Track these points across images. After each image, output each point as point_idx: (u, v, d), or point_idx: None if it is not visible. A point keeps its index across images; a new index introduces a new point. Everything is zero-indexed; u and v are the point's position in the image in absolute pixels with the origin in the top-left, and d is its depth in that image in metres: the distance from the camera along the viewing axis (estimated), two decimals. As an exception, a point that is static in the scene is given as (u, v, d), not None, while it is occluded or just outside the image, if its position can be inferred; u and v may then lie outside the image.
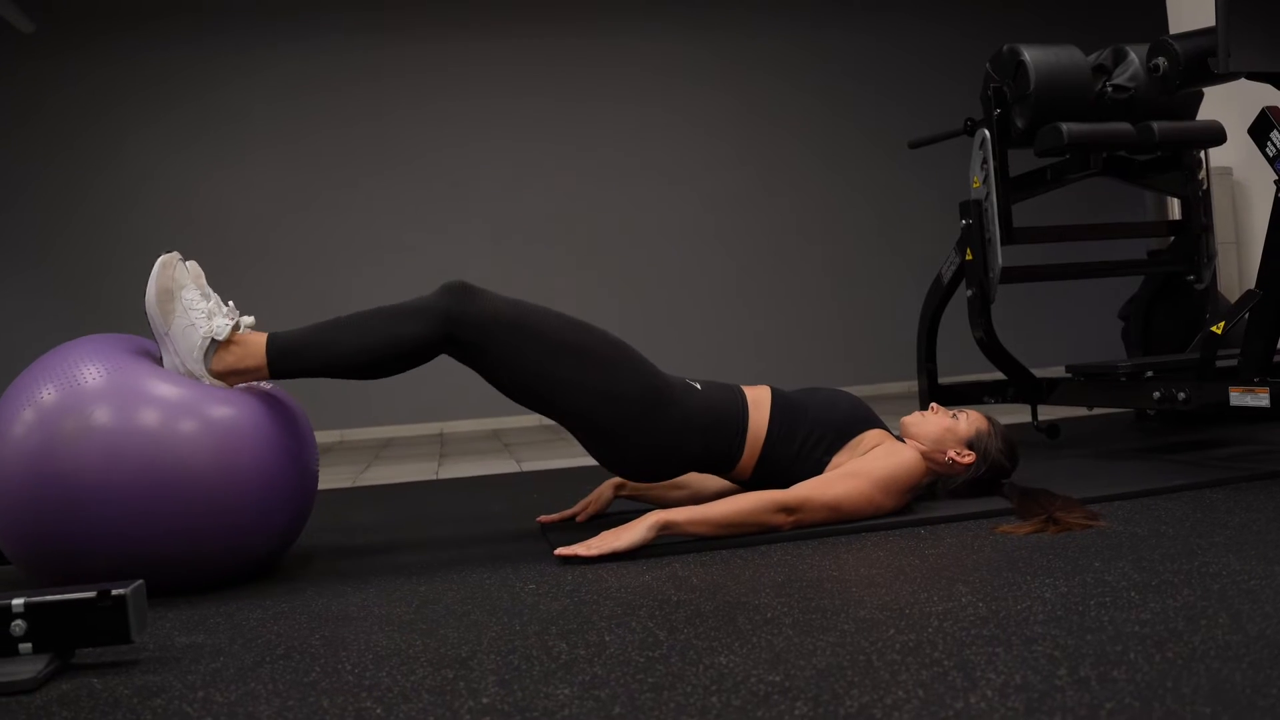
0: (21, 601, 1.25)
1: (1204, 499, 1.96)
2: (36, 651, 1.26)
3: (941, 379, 3.28)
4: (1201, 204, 3.01)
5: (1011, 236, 2.86)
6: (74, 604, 1.26)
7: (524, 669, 1.17)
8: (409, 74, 6.07)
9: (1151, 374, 2.64)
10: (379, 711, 1.06)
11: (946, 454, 2.03)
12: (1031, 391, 2.98)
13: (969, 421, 2.06)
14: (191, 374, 1.73)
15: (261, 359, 1.75)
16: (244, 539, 1.71)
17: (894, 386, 6.44)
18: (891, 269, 6.50)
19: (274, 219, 5.95)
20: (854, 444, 1.99)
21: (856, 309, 6.50)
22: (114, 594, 1.26)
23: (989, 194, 2.86)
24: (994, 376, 3.60)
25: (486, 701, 1.07)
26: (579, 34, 6.25)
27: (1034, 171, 3.01)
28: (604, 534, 1.80)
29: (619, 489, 2.22)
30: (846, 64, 6.56)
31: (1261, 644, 1.07)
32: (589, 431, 1.89)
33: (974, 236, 2.93)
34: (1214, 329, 2.36)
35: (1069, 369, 2.90)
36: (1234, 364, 2.31)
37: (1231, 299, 3.62)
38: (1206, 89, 2.91)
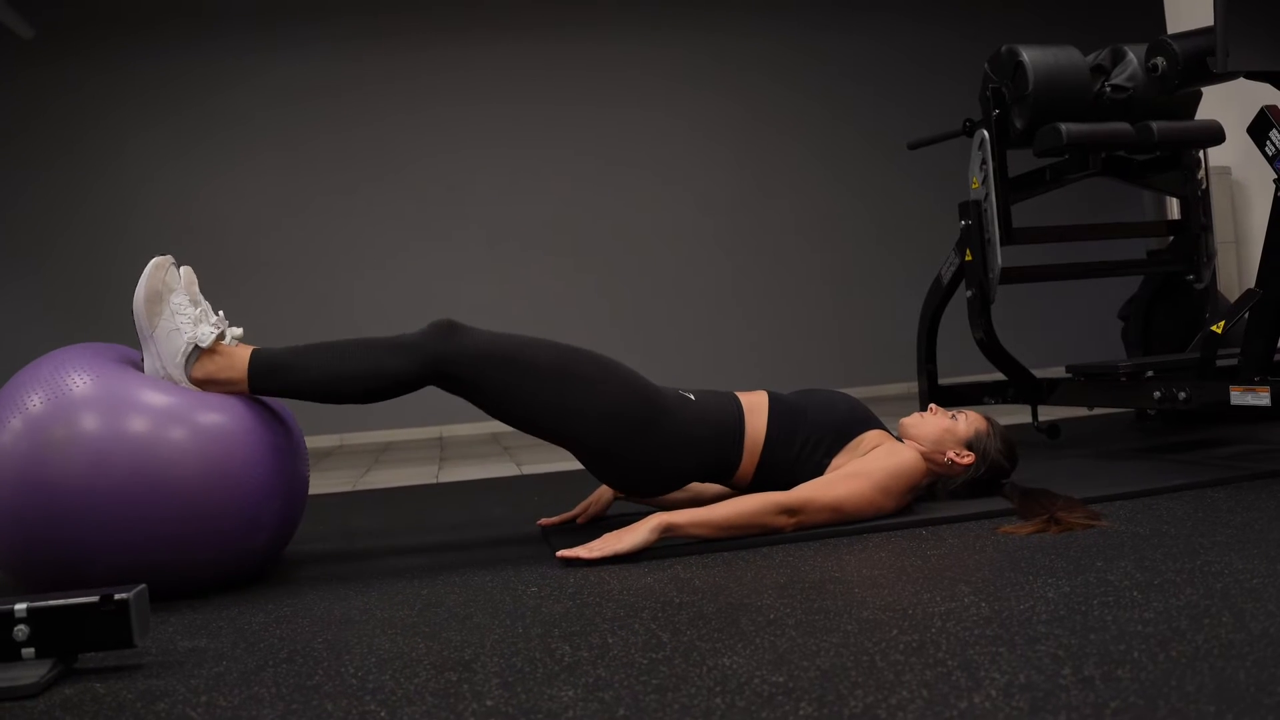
0: (24, 606, 1.25)
1: (1205, 498, 1.96)
2: (39, 656, 1.26)
3: (941, 380, 3.29)
4: (1201, 203, 3.01)
5: (1011, 237, 2.86)
6: (77, 609, 1.26)
7: (527, 671, 1.17)
8: (407, 80, 6.08)
9: (1152, 374, 2.64)
10: (382, 715, 1.06)
11: (946, 455, 2.03)
12: (1032, 392, 2.98)
13: (968, 422, 2.06)
14: (170, 378, 1.73)
15: (242, 372, 1.75)
16: (233, 545, 1.71)
17: (893, 388, 6.43)
18: (890, 270, 6.50)
19: (273, 225, 5.95)
20: (853, 445, 1.99)
21: (855, 310, 6.50)
22: (116, 598, 1.26)
23: (988, 195, 2.87)
24: (994, 377, 3.59)
25: (490, 704, 1.07)
26: (576, 39, 6.26)
27: (1033, 172, 3.01)
28: (606, 536, 1.80)
29: (619, 491, 2.22)
30: (845, 66, 6.56)
31: (1265, 642, 1.07)
32: (588, 453, 1.90)
33: (973, 237, 2.93)
34: (1214, 328, 2.36)
35: (1069, 369, 2.90)
36: (1234, 363, 2.31)
37: (1231, 298, 3.62)
38: (1205, 88, 2.92)
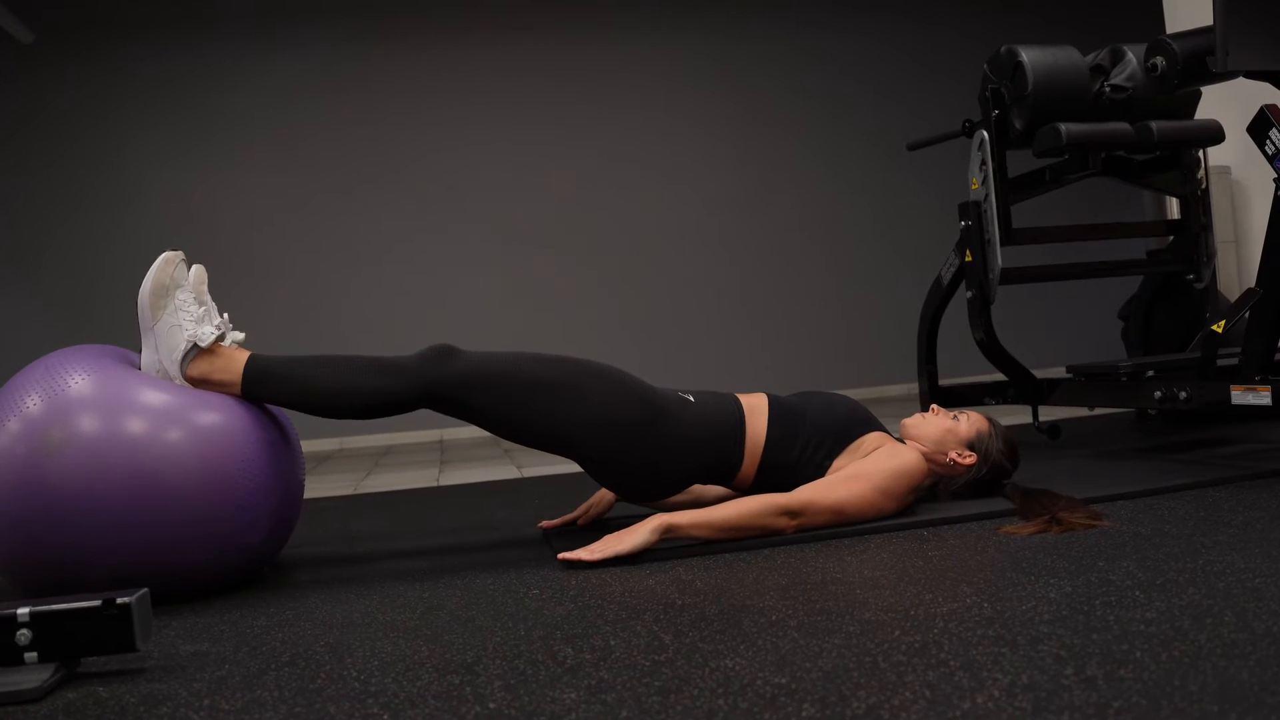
0: (27, 611, 1.25)
1: (1207, 498, 1.96)
2: (42, 661, 1.25)
3: (942, 380, 3.29)
4: (1200, 203, 3.01)
5: (1011, 237, 2.86)
6: (79, 613, 1.25)
7: (529, 674, 1.17)
8: (406, 80, 6.08)
9: (1152, 373, 2.64)
10: (385, 718, 1.06)
11: (948, 455, 2.03)
12: (1032, 392, 2.98)
13: (970, 423, 2.06)
14: (166, 372, 1.75)
15: (237, 375, 1.76)
16: (231, 546, 1.71)
17: (894, 389, 6.44)
18: (891, 270, 6.50)
19: (272, 224, 5.95)
20: (854, 447, 1.99)
21: (857, 311, 6.50)
22: (119, 602, 1.26)
23: (988, 195, 2.87)
24: (994, 377, 3.61)
25: (493, 707, 1.07)
26: (576, 39, 6.26)
27: (1033, 172, 3.01)
28: (607, 538, 1.80)
29: (620, 493, 2.22)
30: (845, 66, 6.57)
31: (1268, 641, 1.07)
32: (590, 462, 1.91)
33: (973, 238, 2.93)
34: (1214, 328, 2.36)
35: (1069, 369, 2.90)
36: (1235, 363, 2.31)
37: (1231, 298, 3.62)
38: (1205, 88, 2.92)
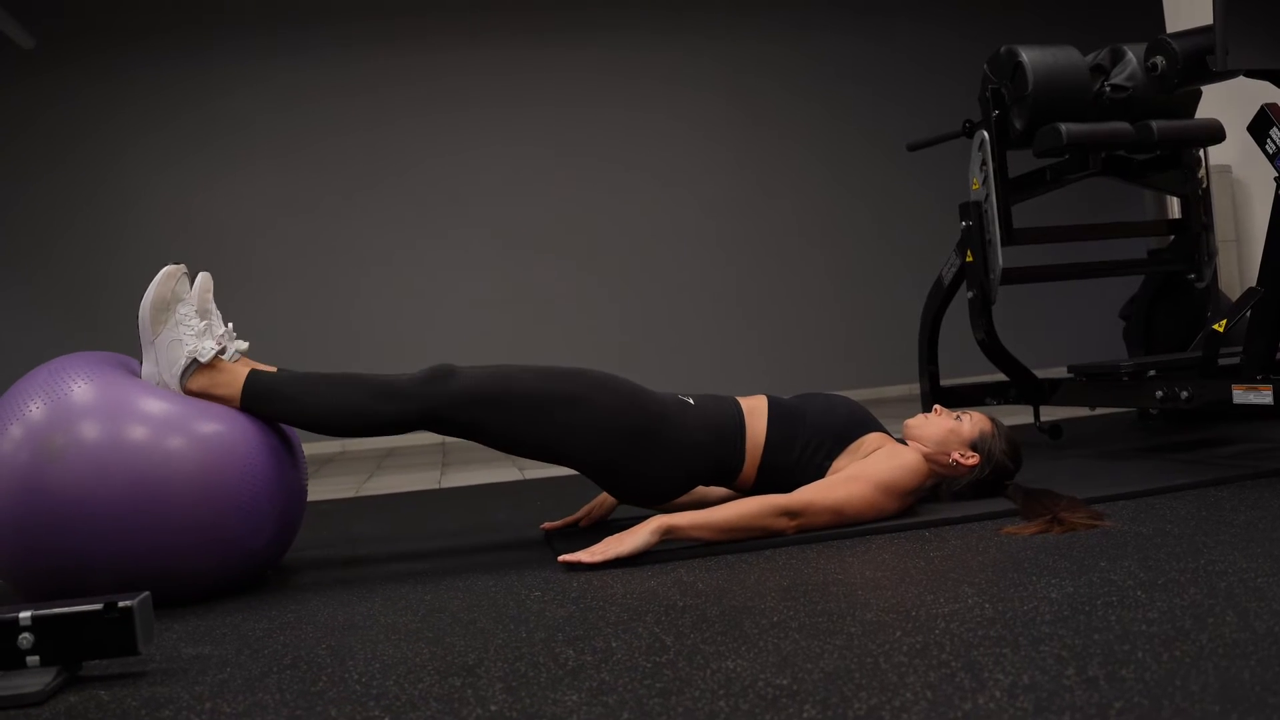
0: (29, 614, 1.25)
1: (1208, 497, 1.96)
2: (44, 664, 1.26)
3: (943, 381, 3.28)
4: (1201, 202, 3.01)
5: (1011, 237, 2.86)
6: (81, 616, 1.26)
7: (531, 676, 1.17)
8: (406, 84, 6.09)
9: (1154, 373, 2.64)
10: (387, 720, 1.06)
11: (950, 456, 2.03)
12: (1033, 392, 2.98)
13: (973, 423, 2.06)
14: (166, 385, 1.76)
15: (236, 391, 1.77)
16: (234, 552, 1.71)
17: (895, 389, 6.43)
18: (892, 271, 6.50)
19: (274, 229, 5.96)
20: (854, 448, 1.99)
21: (857, 312, 6.50)
22: (120, 606, 1.26)
23: (988, 195, 2.87)
24: (996, 378, 3.60)
25: (494, 709, 1.07)
26: (578, 43, 6.26)
27: (1033, 172, 3.01)
28: (607, 540, 1.80)
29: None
30: (845, 67, 6.57)
31: (1270, 641, 1.07)
32: (593, 470, 1.92)
33: (974, 238, 2.93)
34: (1216, 327, 2.36)
35: (1071, 369, 2.89)
36: (1236, 362, 2.31)
37: (1232, 297, 3.62)
38: (1205, 87, 2.92)
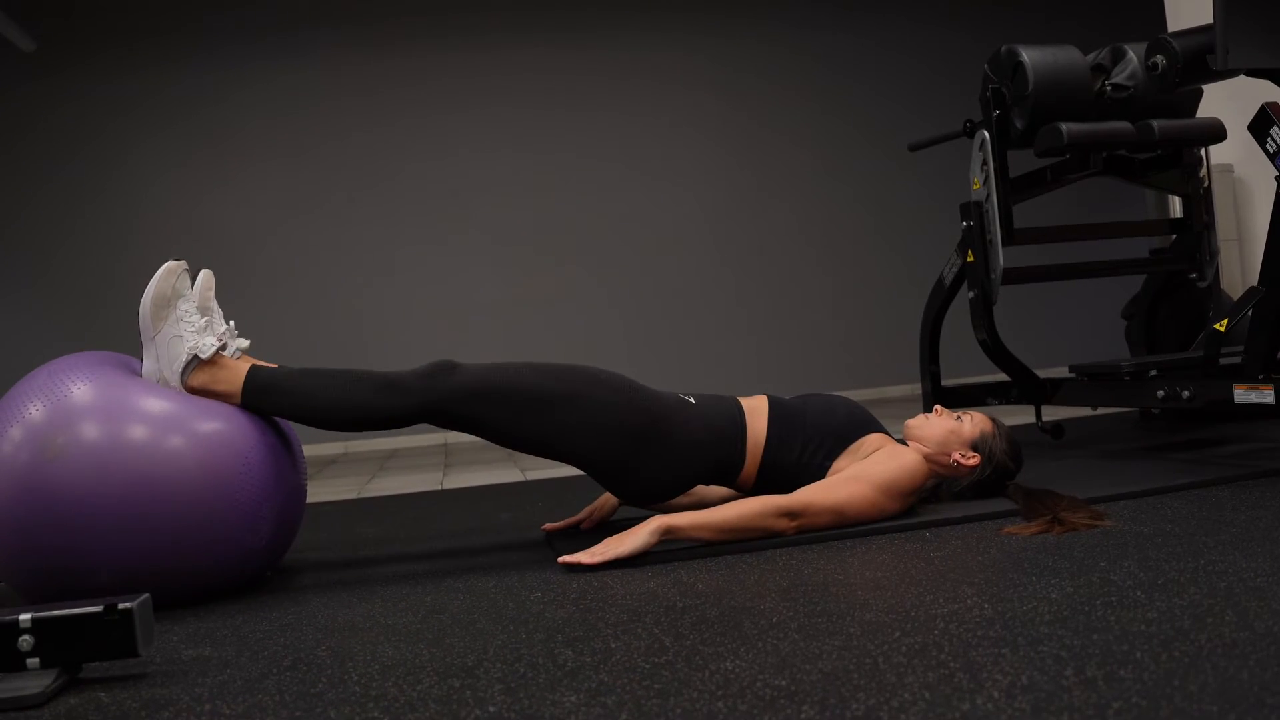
0: (29, 617, 1.26)
1: (1209, 497, 1.96)
2: (44, 666, 1.26)
3: (945, 381, 3.28)
4: (1203, 202, 3.00)
5: (1012, 237, 2.86)
6: (81, 619, 1.26)
7: (530, 677, 1.17)
8: (409, 86, 6.09)
9: (1155, 373, 2.63)
10: (385, 721, 1.06)
11: (951, 456, 2.03)
12: (1035, 392, 2.97)
13: (973, 423, 2.06)
14: (166, 382, 1.75)
15: (237, 387, 1.77)
16: (232, 553, 1.71)
17: (897, 390, 6.43)
18: (893, 271, 6.50)
19: (274, 232, 5.96)
20: (854, 448, 1.99)
21: (858, 312, 6.49)
22: (120, 608, 1.26)
23: (989, 195, 2.86)
24: (997, 378, 3.59)
25: (493, 710, 1.07)
26: (576, 44, 6.26)
27: (1034, 172, 3.00)
28: (607, 541, 1.80)
29: (622, 495, 2.22)
30: (845, 67, 6.56)
31: (1269, 641, 1.07)
32: (595, 468, 1.92)
33: (975, 238, 2.92)
34: (1217, 326, 2.36)
35: (1072, 369, 2.89)
36: (1238, 361, 2.30)
37: (1234, 296, 3.61)
38: (1206, 86, 2.91)
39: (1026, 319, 6.20)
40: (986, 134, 2.87)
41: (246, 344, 1.84)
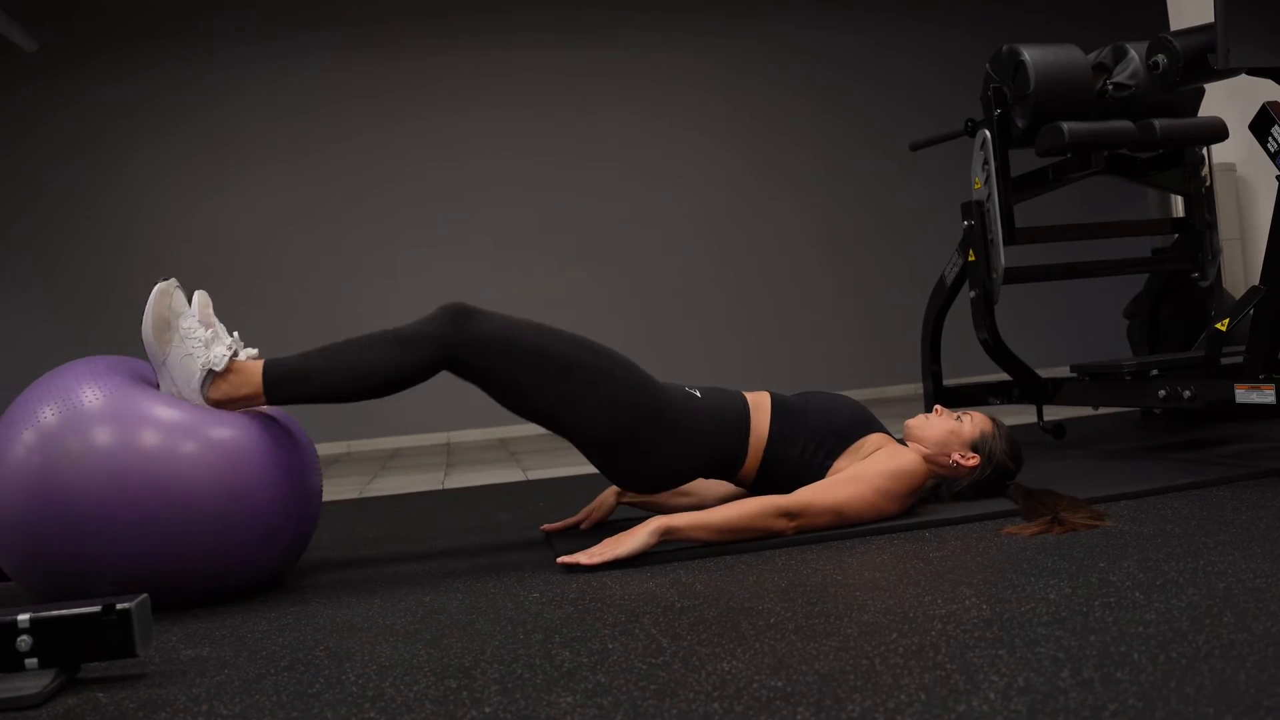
0: (27, 617, 1.26)
1: (1210, 497, 1.95)
2: (42, 666, 1.26)
3: (946, 381, 3.28)
4: (1204, 201, 3.00)
5: (1014, 237, 2.86)
6: (79, 619, 1.26)
7: (526, 678, 1.17)
8: (410, 88, 6.09)
9: (1156, 372, 2.63)
10: (382, 722, 1.06)
11: (951, 457, 2.02)
12: (1036, 392, 2.97)
13: (973, 424, 2.06)
14: (189, 401, 1.73)
15: (257, 386, 1.75)
16: (247, 557, 1.71)
17: (898, 389, 6.42)
18: (894, 271, 6.49)
19: (276, 235, 5.97)
20: (855, 448, 1.98)
21: (859, 312, 6.49)
22: (118, 608, 1.26)
23: (991, 194, 2.86)
24: (999, 377, 3.60)
25: (489, 711, 1.07)
26: (576, 45, 6.26)
27: (1035, 171, 3.00)
28: (606, 541, 1.80)
29: (621, 495, 2.22)
30: (846, 67, 6.56)
31: (1266, 643, 1.07)
32: (595, 447, 1.90)
33: (976, 237, 2.92)
34: (1218, 326, 2.35)
35: (1073, 369, 2.89)
36: (1239, 361, 2.30)
37: (1237, 295, 3.60)
38: (1209, 85, 2.90)
39: (1028, 319, 6.20)
40: (988, 133, 2.86)
41: (254, 352, 1.82)
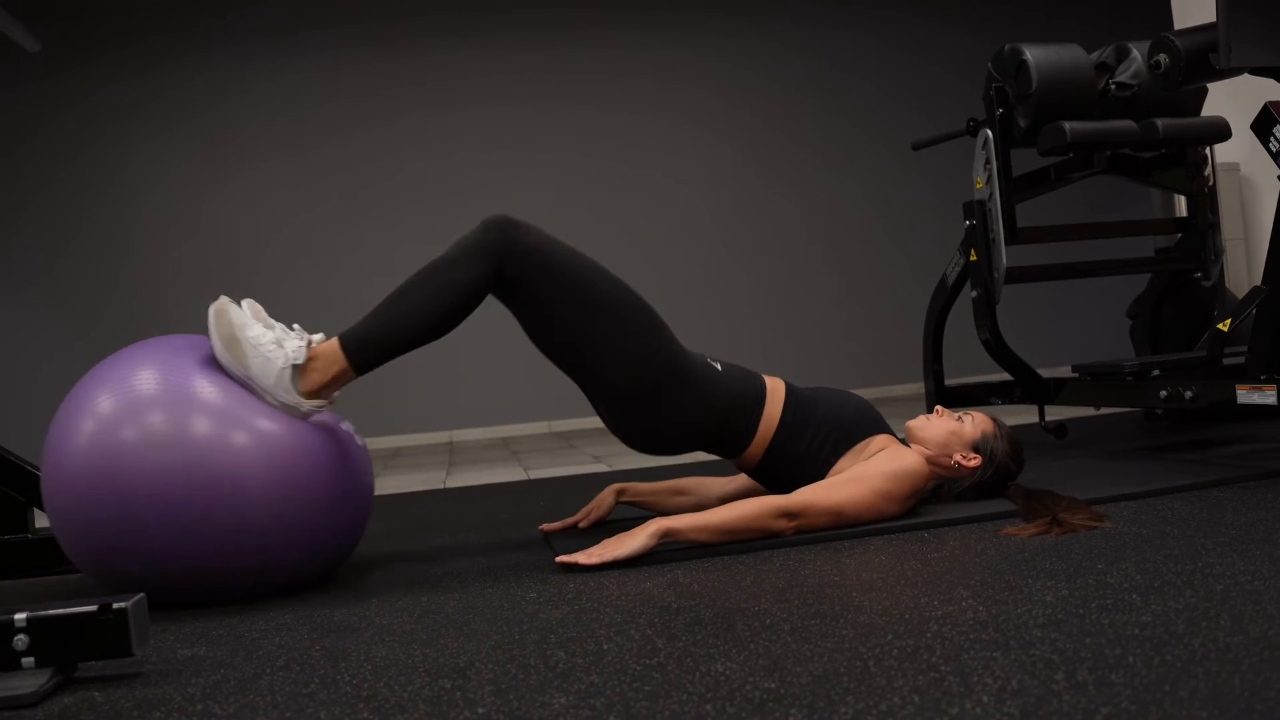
0: (24, 616, 1.26)
1: (1210, 498, 1.94)
2: (39, 666, 1.26)
3: (948, 380, 3.27)
4: (1207, 200, 2.99)
5: (1015, 236, 2.85)
6: (75, 618, 1.26)
7: (520, 678, 1.17)
8: (412, 86, 6.10)
9: (1158, 373, 2.62)
10: (375, 723, 1.06)
11: (952, 458, 2.02)
12: (1038, 392, 2.96)
13: (975, 424, 2.05)
14: (287, 405, 1.71)
15: (343, 361, 1.73)
16: (307, 548, 1.72)
17: (900, 389, 6.42)
18: (897, 270, 6.48)
19: (278, 232, 5.98)
20: (859, 447, 1.98)
21: (862, 311, 6.48)
22: (115, 608, 1.26)
23: (992, 194, 2.85)
24: (1000, 377, 3.59)
25: (482, 712, 1.07)
26: (583, 44, 6.26)
27: (1037, 171, 2.99)
28: (605, 541, 1.80)
29: (620, 495, 2.22)
30: (850, 66, 6.55)
31: (1262, 645, 1.06)
32: (612, 394, 1.89)
33: (978, 237, 2.91)
34: (1220, 326, 2.35)
35: (1075, 369, 2.88)
36: (1241, 361, 2.29)
37: (1240, 295, 3.59)
38: (1212, 85, 2.90)
39: (1030, 318, 6.19)
40: (990, 133, 2.86)
41: (321, 336, 1.78)
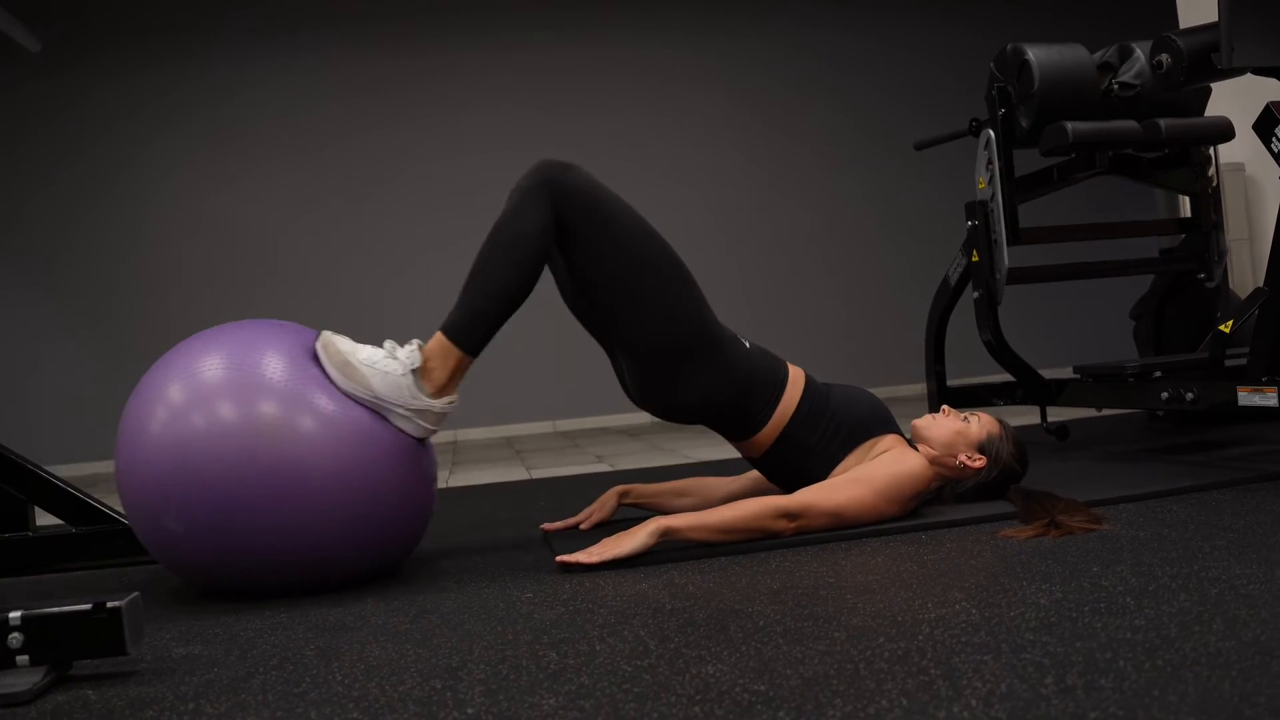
0: (19, 614, 1.27)
1: (1209, 501, 1.94)
2: (34, 664, 1.27)
3: (950, 381, 3.27)
4: (1211, 201, 2.97)
5: (1018, 237, 2.84)
6: (70, 616, 1.27)
7: (511, 679, 1.17)
8: (417, 86, 6.10)
9: (1160, 374, 2.61)
10: (365, 723, 1.06)
11: (957, 458, 2.02)
12: (1040, 393, 2.96)
13: (980, 425, 2.05)
14: (420, 410, 1.73)
15: (455, 351, 1.76)
16: (376, 540, 1.73)
17: (903, 389, 6.40)
18: (898, 271, 6.47)
19: (284, 232, 5.99)
20: (867, 446, 1.98)
21: (864, 311, 6.47)
22: (109, 606, 1.27)
23: (995, 194, 2.85)
24: (1002, 378, 3.57)
25: (471, 712, 1.07)
26: (582, 42, 6.26)
27: (1040, 171, 2.98)
28: (605, 541, 1.80)
29: (623, 497, 2.22)
30: (851, 65, 6.54)
31: (1254, 650, 1.06)
32: (640, 351, 1.89)
33: (980, 237, 2.91)
34: (1222, 328, 2.34)
35: (1077, 370, 2.87)
36: (1243, 363, 2.28)
37: (1244, 296, 3.58)
38: (1216, 85, 2.88)
39: (1032, 319, 6.17)
40: (992, 133, 2.85)
41: (419, 341, 1.81)
